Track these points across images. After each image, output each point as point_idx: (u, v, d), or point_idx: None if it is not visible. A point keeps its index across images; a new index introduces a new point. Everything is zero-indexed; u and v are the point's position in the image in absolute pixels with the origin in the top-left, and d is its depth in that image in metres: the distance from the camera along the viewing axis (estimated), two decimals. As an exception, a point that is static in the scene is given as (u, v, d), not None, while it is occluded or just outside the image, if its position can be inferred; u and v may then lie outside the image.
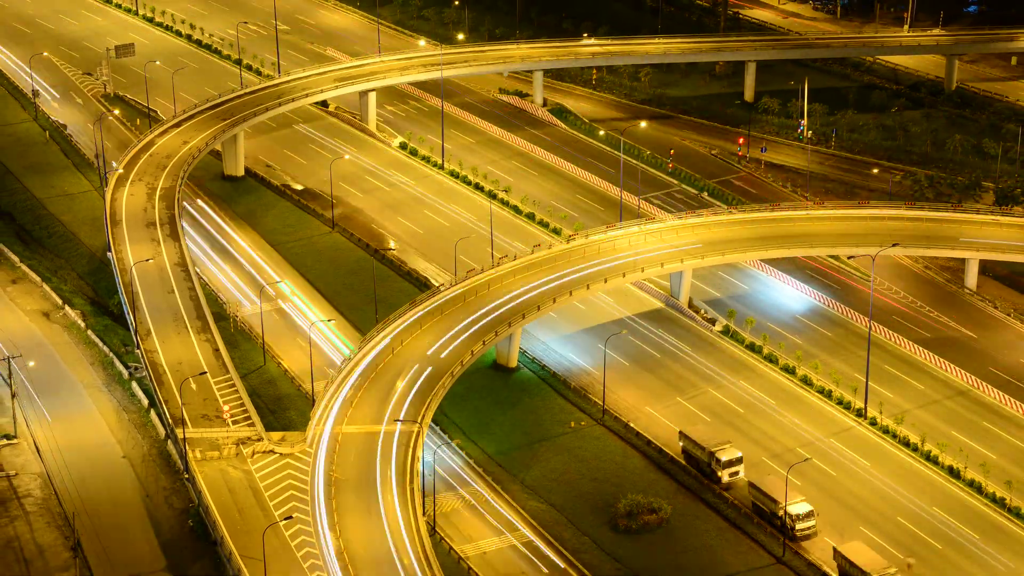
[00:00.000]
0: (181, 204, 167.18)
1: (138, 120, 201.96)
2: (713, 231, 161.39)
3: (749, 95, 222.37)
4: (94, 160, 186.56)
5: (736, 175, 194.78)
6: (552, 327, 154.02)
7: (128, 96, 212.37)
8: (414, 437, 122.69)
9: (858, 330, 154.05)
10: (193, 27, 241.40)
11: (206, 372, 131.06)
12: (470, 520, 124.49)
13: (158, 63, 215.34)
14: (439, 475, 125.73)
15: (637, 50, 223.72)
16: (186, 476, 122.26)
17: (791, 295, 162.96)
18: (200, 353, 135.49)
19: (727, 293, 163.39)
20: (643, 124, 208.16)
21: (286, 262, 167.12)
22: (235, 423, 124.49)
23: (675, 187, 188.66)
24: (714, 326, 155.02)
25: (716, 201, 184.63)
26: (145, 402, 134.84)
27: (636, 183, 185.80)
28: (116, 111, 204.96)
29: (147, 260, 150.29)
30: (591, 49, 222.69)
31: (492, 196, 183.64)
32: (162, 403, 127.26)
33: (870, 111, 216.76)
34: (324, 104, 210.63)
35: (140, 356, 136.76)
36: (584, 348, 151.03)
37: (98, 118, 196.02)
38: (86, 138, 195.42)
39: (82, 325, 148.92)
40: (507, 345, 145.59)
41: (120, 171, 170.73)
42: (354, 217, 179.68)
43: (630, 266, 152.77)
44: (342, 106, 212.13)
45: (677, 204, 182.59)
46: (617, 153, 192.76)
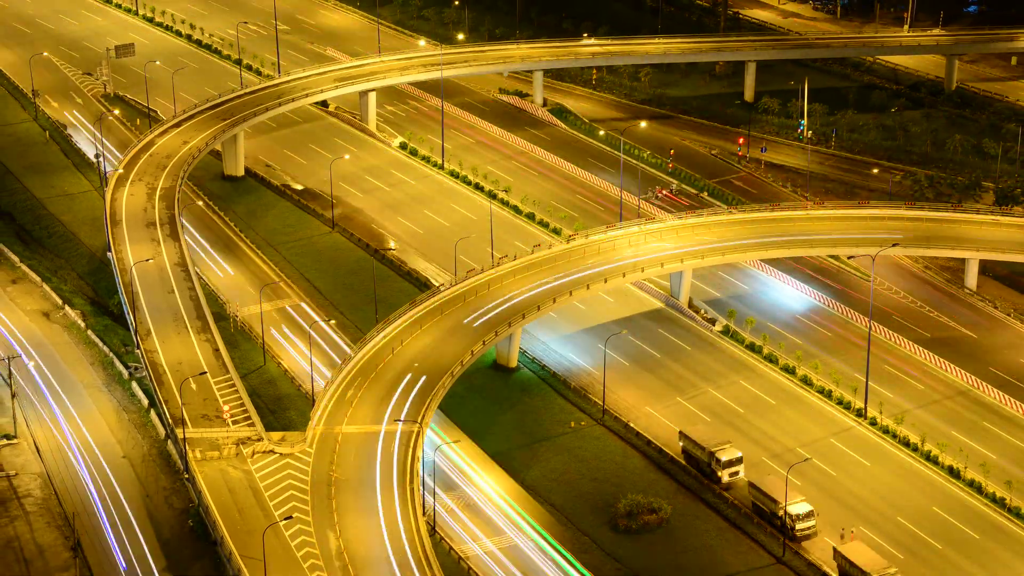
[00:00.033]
0: (181, 204, 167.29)
1: (138, 120, 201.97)
2: (713, 231, 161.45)
3: (749, 95, 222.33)
4: (94, 160, 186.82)
5: (736, 175, 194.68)
6: (552, 327, 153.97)
7: (128, 96, 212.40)
8: (414, 437, 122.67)
9: (858, 330, 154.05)
10: (193, 27, 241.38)
11: (206, 372, 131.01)
12: (470, 520, 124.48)
13: (158, 63, 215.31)
14: (439, 475, 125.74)
15: (637, 50, 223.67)
16: (186, 476, 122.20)
17: (791, 295, 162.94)
18: (200, 353, 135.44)
19: (727, 293, 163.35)
20: (643, 124, 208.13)
21: (286, 262, 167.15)
22: (235, 423, 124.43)
23: (674, 186, 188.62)
24: (714, 326, 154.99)
25: (716, 201, 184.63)
26: (145, 402, 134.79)
27: (636, 183, 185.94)
28: (116, 111, 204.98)
29: (147, 260, 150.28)
30: (591, 49, 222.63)
31: (492, 196, 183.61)
32: (162, 403, 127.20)
33: (870, 111, 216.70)
34: (324, 104, 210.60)
35: (140, 356, 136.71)
36: (584, 348, 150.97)
37: (98, 118, 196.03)
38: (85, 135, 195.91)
39: (82, 325, 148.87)
40: (507, 345, 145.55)
41: (120, 171, 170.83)
42: (354, 217, 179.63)
43: (630, 266, 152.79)
44: (342, 106, 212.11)
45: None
46: (617, 153, 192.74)
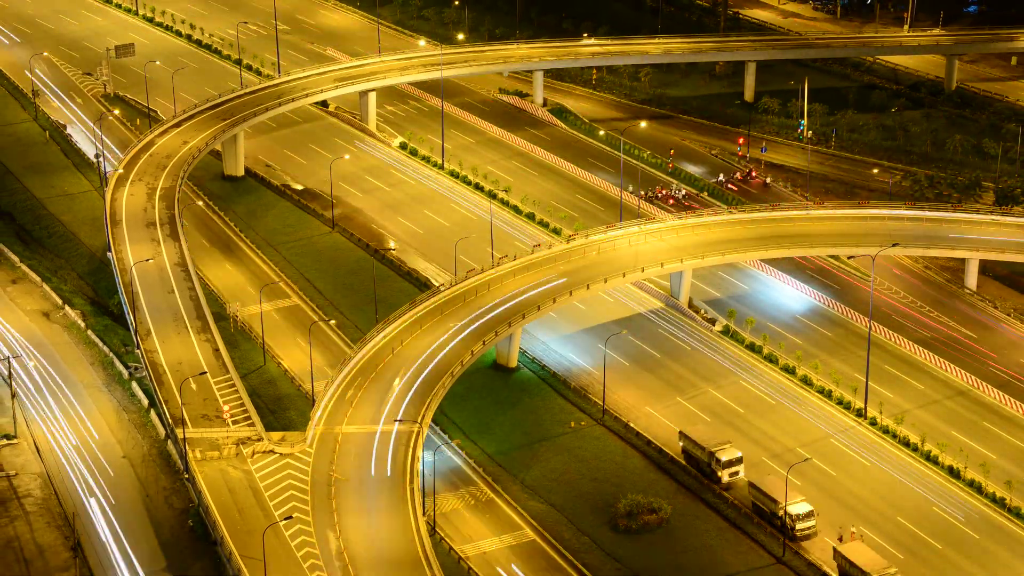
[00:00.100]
0: (181, 204, 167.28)
1: (138, 120, 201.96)
2: (713, 231, 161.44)
3: (749, 95, 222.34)
4: (94, 160, 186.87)
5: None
6: (552, 327, 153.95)
7: (128, 96, 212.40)
8: (414, 437, 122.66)
9: (858, 330, 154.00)
10: (193, 27, 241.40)
11: (206, 372, 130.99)
12: (470, 520, 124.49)
13: (158, 63, 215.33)
14: (439, 475, 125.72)
15: (637, 50, 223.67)
16: (186, 476, 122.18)
17: (791, 295, 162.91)
18: (200, 353, 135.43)
19: (727, 293, 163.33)
20: (643, 124, 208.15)
21: (286, 262, 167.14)
22: (235, 423, 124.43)
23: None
24: (714, 326, 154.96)
25: (716, 201, 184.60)
26: (145, 402, 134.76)
27: (636, 183, 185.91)
28: (116, 111, 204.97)
29: (147, 260, 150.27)
30: (591, 49, 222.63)
31: (492, 196, 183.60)
32: (162, 403, 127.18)
33: (870, 111, 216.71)
34: (324, 104, 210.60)
35: (140, 356, 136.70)
36: (584, 348, 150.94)
37: (98, 118, 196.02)
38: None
39: (82, 325, 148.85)
40: (507, 345, 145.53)
41: (120, 171, 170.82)
42: (354, 217, 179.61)
43: (630, 266, 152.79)
44: (342, 106, 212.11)
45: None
46: (617, 153, 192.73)
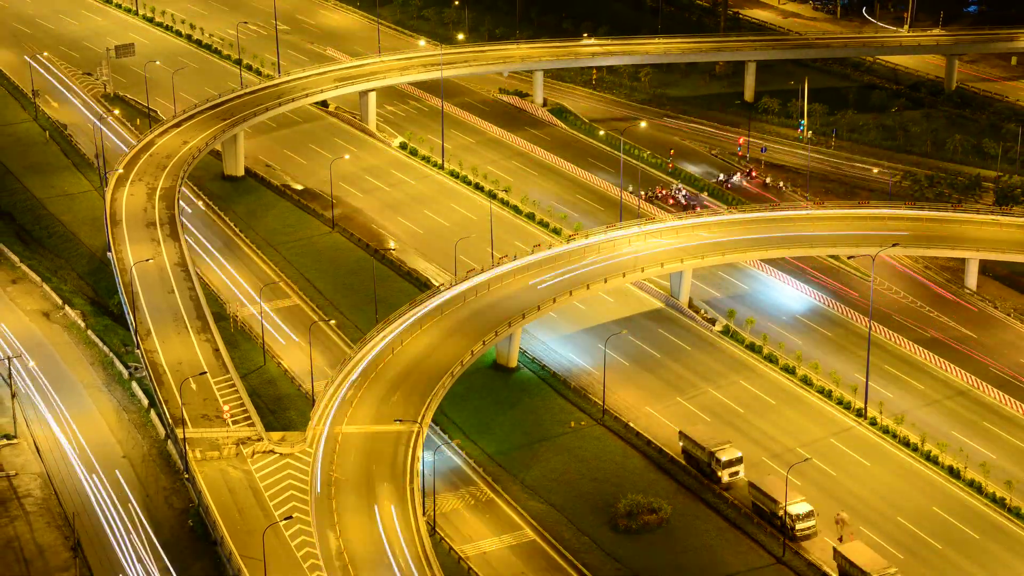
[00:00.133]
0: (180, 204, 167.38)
1: (138, 120, 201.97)
2: (713, 231, 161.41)
3: (749, 95, 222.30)
4: (94, 160, 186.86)
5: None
6: (552, 327, 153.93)
7: (128, 96, 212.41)
8: (414, 437, 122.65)
9: (858, 330, 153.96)
10: (193, 27, 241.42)
11: (206, 372, 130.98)
12: (470, 520, 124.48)
13: (158, 63, 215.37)
14: (439, 475, 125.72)
15: (637, 50, 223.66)
16: (186, 476, 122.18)
17: (791, 295, 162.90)
18: (200, 353, 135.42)
19: (727, 293, 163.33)
20: (643, 124, 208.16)
21: (286, 262, 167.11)
22: (235, 423, 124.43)
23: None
24: (714, 326, 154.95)
25: (716, 201, 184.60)
26: (145, 402, 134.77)
27: (636, 183, 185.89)
28: (116, 111, 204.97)
29: (147, 260, 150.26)
30: (591, 49, 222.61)
31: (492, 196, 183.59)
32: (162, 403, 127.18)
33: (870, 111, 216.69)
34: (324, 104, 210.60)
35: (140, 356, 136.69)
36: (584, 348, 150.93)
37: (98, 118, 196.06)
38: (86, 138, 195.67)
39: (82, 325, 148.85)
40: (507, 345, 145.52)
41: (120, 171, 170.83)
42: (354, 217, 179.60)
43: (630, 266, 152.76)
44: (342, 106, 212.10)
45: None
46: (617, 153, 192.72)
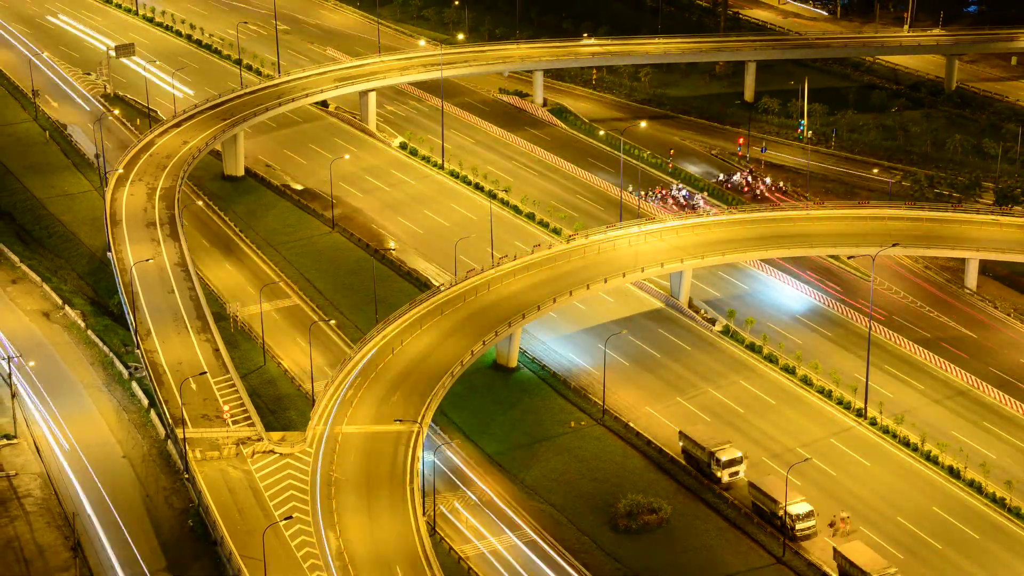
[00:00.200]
0: (181, 204, 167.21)
1: (138, 120, 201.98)
2: (713, 231, 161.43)
3: (749, 95, 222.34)
4: (94, 160, 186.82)
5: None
6: (552, 327, 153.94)
7: (128, 96, 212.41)
8: (414, 437, 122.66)
9: (858, 330, 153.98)
10: (193, 27, 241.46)
11: (206, 372, 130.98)
12: (470, 520, 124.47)
13: (158, 63, 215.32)
14: (439, 475, 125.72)
15: (637, 50, 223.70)
16: (186, 476, 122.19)
17: (791, 295, 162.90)
18: (200, 353, 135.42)
19: (727, 293, 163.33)
20: (643, 124, 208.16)
21: (286, 262, 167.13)
22: (235, 423, 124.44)
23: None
24: (714, 326, 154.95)
25: (716, 201, 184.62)
26: (145, 402, 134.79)
27: (636, 183, 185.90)
28: (116, 111, 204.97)
29: (147, 260, 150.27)
30: (591, 49, 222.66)
31: (492, 196, 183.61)
32: (162, 403, 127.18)
33: (870, 111, 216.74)
34: (324, 104, 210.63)
35: (140, 356, 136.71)
36: (584, 348, 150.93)
37: (98, 118, 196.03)
38: (87, 138, 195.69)
39: (82, 325, 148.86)
40: (507, 345, 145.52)
41: (120, 171, 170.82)
42: (354, 217, 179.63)
43: (630, 266, 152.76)
44: (342, 106, 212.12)
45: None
46: (617, 153, 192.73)
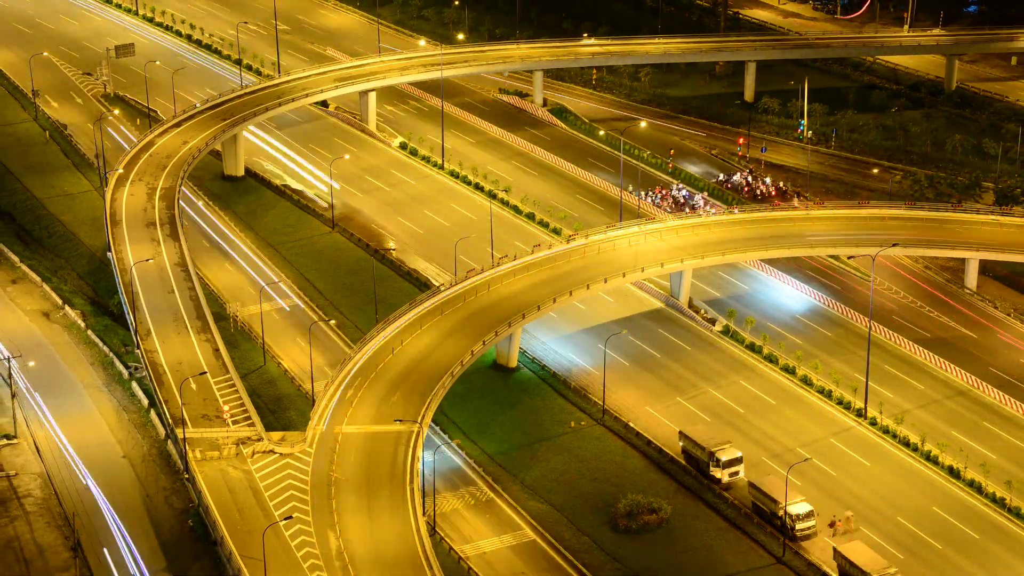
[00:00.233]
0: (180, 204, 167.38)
1: (138, 120, 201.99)
2: (713, 231, 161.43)
3: (749, 95, 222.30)
4: (94, 160, 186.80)
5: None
6: (552, 327, 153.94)
7: (128, 96, 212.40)
8: (414, 437, 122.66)
9: (858, 330, 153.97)
10: (193, 27, 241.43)
11: (206, 372, 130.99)
12: (470, 520, 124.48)
13: (158, 63, 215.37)
14: (439, 475, 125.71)
15: (637, 50, 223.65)
16: (186, 476, 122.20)
17: (791, 295, 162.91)
18: (200, 353, 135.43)
19: (727, 293, 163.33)
20: (643, 124, 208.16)
21: (286, 262, 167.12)
22: (235, 423, 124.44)
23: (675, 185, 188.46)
24: (714, 326, 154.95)
25: (716, 201, 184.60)
26: (145, 402, 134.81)
27: (636, 183, 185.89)
28: (116, 111, 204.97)
29: (147, 260, 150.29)
30: (591, 49, 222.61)
31: (492, 196, 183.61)
32: (162, 403, 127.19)
33: (870, 111, 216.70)
34: (324, 104, 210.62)
35: (140, 356, 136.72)
36: (584, 348, 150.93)
37: (98, 118, 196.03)
38: (87, 139, 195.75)
39: (82, 325, 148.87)
40: (507, 345, 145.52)
41: (120, 171, 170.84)
42: (354, 217, 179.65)
43: (630, 266, 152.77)
44: (342, 106, 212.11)
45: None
46: (617, 153, 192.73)
